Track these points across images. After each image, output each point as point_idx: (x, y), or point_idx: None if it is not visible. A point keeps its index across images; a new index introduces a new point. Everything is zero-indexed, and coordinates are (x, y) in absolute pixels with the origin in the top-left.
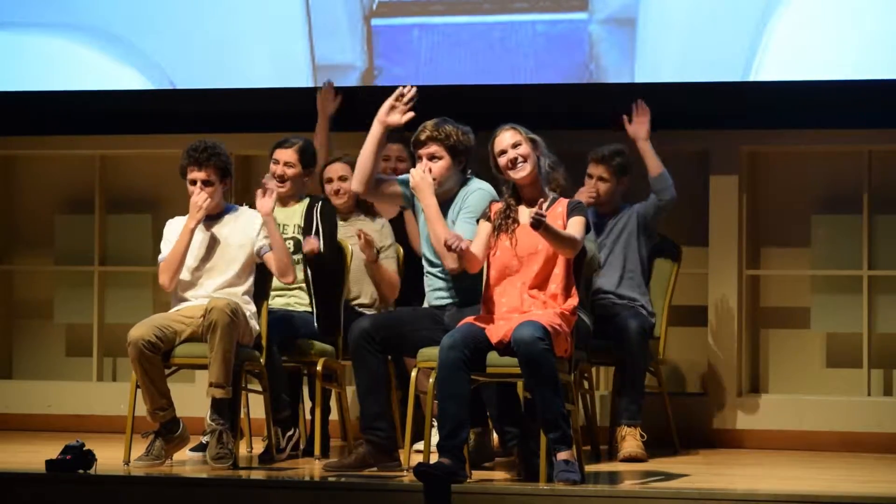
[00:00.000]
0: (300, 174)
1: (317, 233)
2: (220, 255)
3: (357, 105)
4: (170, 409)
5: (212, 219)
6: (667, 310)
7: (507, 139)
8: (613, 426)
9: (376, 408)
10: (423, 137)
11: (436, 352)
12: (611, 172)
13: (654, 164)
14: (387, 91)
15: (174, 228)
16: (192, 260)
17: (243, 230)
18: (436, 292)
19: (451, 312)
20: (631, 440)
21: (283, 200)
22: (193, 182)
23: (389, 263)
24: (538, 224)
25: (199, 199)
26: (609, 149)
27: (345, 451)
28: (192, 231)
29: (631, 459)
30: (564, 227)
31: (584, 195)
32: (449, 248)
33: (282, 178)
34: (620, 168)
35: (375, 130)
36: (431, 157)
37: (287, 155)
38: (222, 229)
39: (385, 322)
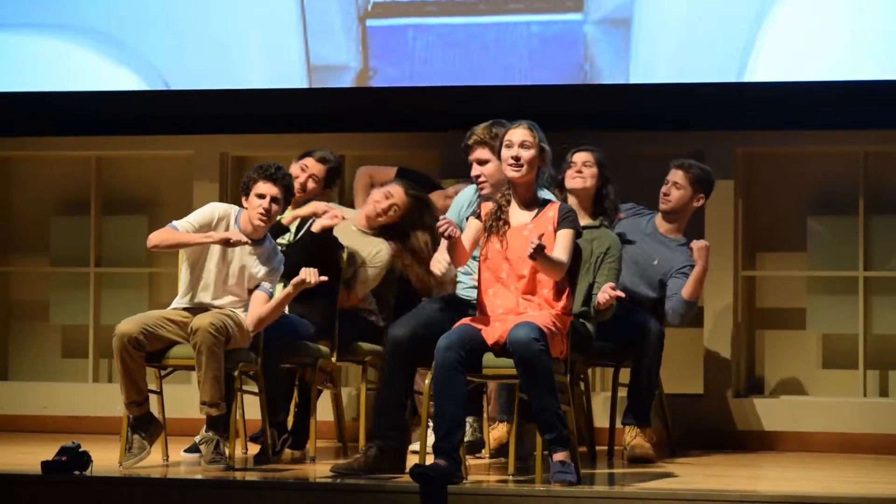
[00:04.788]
0: (319, 191)
1: (298, 242)
2: (238, 278)
3: (352, 106)
4: (145, 405)
5: (253, 241)
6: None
7: (519, 136)
8: (612, 426)
9: (395, 419)
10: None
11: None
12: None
13: (690, 291)
14: (382, 92)
15: (209, 213)
16: (213, 269)
17: (263, 265)
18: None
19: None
20: (641, 441)
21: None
22: (261, 196)
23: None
24: (535, 257)
25: (241, 237)
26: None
27: (340, 452)
28: (210, 243)
29: (641, 460)
30: (554, 233)
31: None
32: (441, 232)
33: (303, 187)
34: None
35: None
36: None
37: (318, 169)
38: (251, 257)
39: (420, 332)
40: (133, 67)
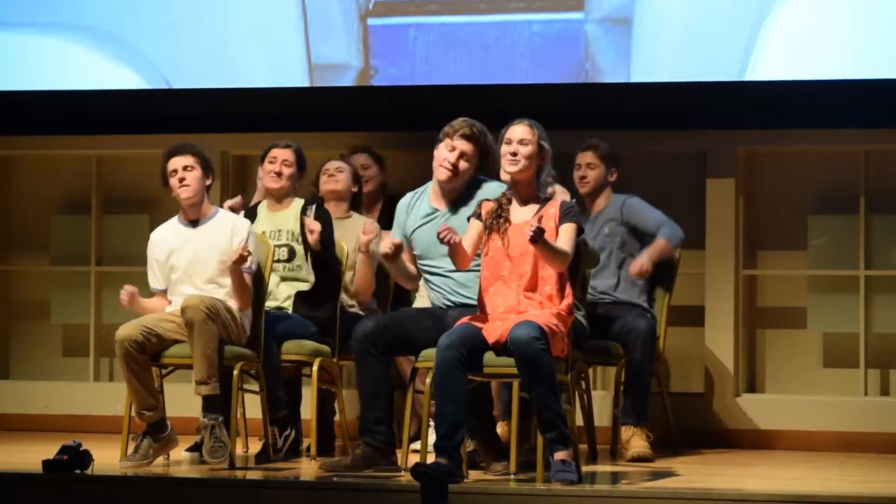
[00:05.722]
0: (295, 174)
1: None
2: (203, 258)
3: (353, 105)
4: (158, 410)
5: (197, 222)
6: (666, 309)
7: (518, 133)
8: (615, 426)
9: (377, 412)
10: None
11: (434, 352)
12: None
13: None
14: (383, 91)
15: (153, 252)
16: (176, 262)
17: (225, 235)
18: (442, 292)
19: (454, 312)
20: (638, 440)
21: (277, 199)
22: (174, 173)
23: (367, 261)
24: (536, 239)
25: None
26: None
27: (343, 451)
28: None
29: (639, 459)
30: (557, 229)
31: None
32: (441, 239)
33: (278, 175)
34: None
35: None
36: (462, 154)
37: (286, 154)
38: (205, 233)
39: (389, 323)
40: (134, 66)
